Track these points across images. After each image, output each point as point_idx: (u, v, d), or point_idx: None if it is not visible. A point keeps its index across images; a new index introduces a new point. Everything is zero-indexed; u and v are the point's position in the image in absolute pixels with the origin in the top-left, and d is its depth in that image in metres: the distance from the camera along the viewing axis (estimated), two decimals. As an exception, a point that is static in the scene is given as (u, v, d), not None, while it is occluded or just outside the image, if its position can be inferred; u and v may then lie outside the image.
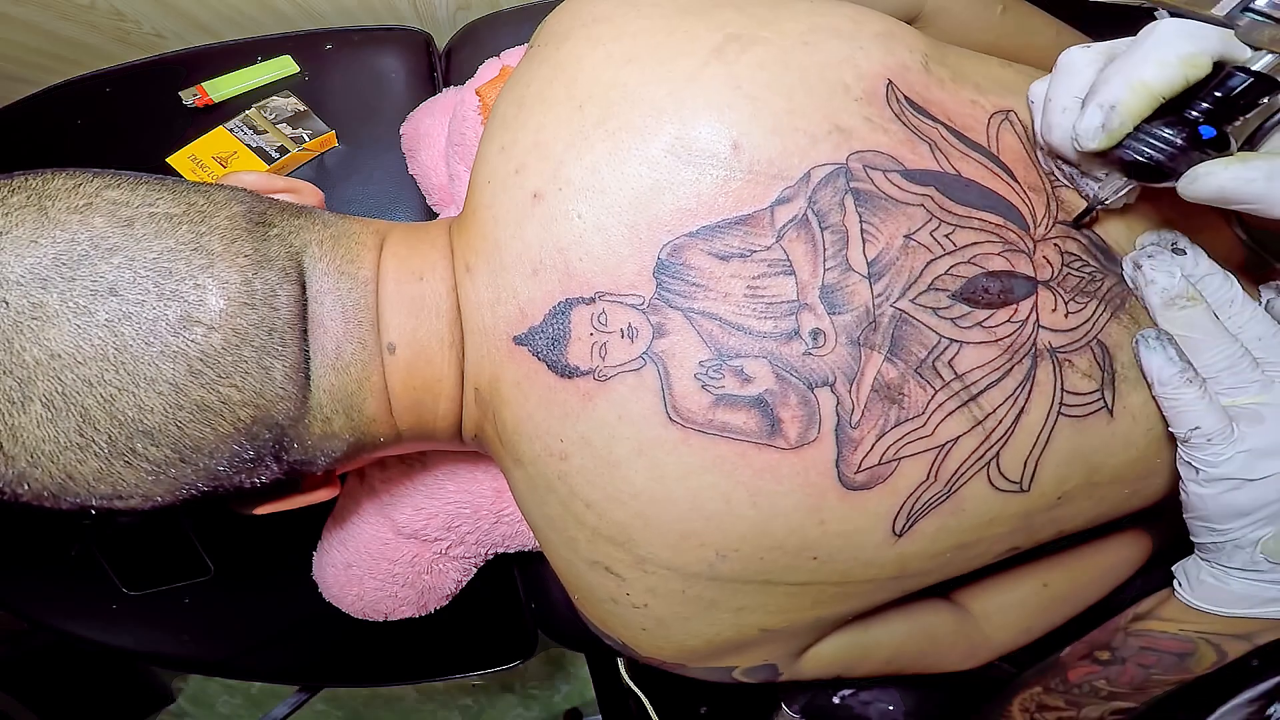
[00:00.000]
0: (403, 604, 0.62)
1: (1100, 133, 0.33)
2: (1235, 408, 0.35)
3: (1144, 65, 0.31)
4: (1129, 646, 0.43)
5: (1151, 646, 0.42)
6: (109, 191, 0.32)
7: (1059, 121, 0.36)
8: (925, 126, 0.37)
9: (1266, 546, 0.36)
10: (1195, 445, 0.36)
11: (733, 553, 0.36)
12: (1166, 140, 0.32)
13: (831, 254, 0.35)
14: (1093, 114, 0.33)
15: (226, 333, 0.32)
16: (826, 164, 0.36)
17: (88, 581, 0.68)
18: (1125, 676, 0.43)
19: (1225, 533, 0.37)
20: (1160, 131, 0.32)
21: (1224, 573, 0.39)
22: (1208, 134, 0.31)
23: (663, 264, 0.35)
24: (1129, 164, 0.33)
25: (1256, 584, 0.38)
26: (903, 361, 0.35)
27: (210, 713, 1.33)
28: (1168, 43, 0.31)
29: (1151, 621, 0.42)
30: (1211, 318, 0.36)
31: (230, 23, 0.81)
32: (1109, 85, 0.32)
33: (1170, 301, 0.36)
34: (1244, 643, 0.40)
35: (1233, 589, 0.38)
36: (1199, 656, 0.41)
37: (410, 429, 0.40)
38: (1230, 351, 0.35)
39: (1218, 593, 0.39)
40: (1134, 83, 0.31)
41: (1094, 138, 0.33)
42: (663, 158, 0.35)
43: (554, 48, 0.39)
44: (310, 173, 0.73)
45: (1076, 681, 0.45)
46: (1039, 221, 0.38)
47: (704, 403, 0.35)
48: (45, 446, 0.30)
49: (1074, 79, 0.35)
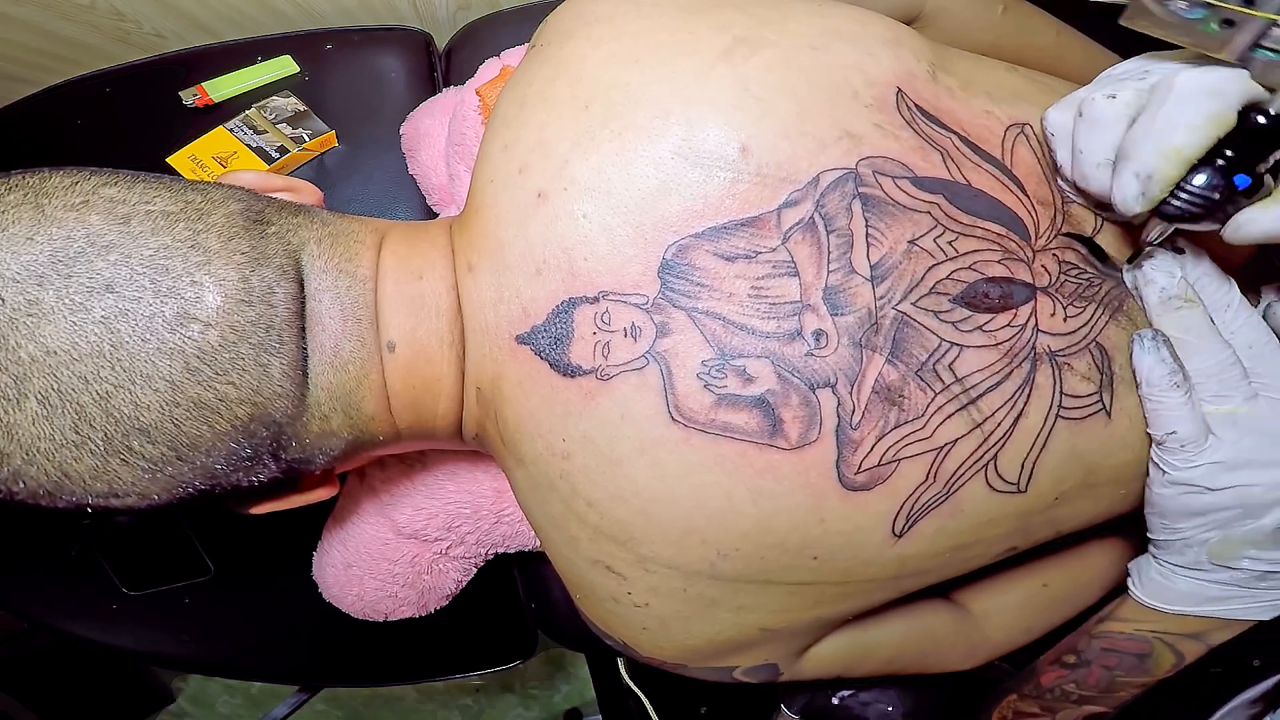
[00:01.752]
0: (403, 604, 0.61)
1: (1141, 200, 0.33)
2: (1215, 416, 0.36)
3: (1174, 132, 0.32)
4: (1092, 649, 0.44)
5: (1112, 647, 0.43)
6: (106, 189, 0.32)
7: (1094, 175, 0.36)
8: (938, 135, 0.37)
9: (1212, 549, 0.38)
10: (1168, 449, 0.37)
11: (734, 551, 0.36)
12: (1203, 195, 0.32)
13: (836, 256, 0.35)
14: (1130, 183, 0.33)
15: (224, 330, 0.32)
16: (835, 169, 0.36)
17: (88, 581, 0.68)
18: (1091, 678, 0.44)
19: (1177, 531, 0.38)
20: (1195, 186, 0.32)
21: (1171, 570, 0.40)
22: (1243, 184, 0.32)
23: (667, 264, 0.35)
24: (1169, 216, 0.34)
25: (1200, 583, 0.39)
26: (904, 364, 0.35)
27: (210, 713, 1.33)
28: (1193, 104, 0.31)
29: (1111, 622, 0.44)
30: (1208, 321, 0.36)
31: (230, 23, 0.81)
32: (1141, 152, 0.33)
33: (1167, 301, 0.36)
34: (1197, 643, 0.41)
35: (1178, 587, 0.40)
36: (1156, 657, 0.42)
37: (409, 428, 0.40)
38: (1221, 358, 0.36)
39: (1164, 590, 0.40)
40: (1167, 151, 0.32)
41: (1135, 204, 0.34)
42: (670, 159, 0.35)
43: (556, 47, 0.39)
44: (310, 173, 0.73)
45: (1049, 686, 0.46)
46: (1041, 233, 0.38)
47: (706, 402, 0.35)
48: (41, 444, 0.30)
49: (1103, 134, 0.35)
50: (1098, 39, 0.55)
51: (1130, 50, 0.57)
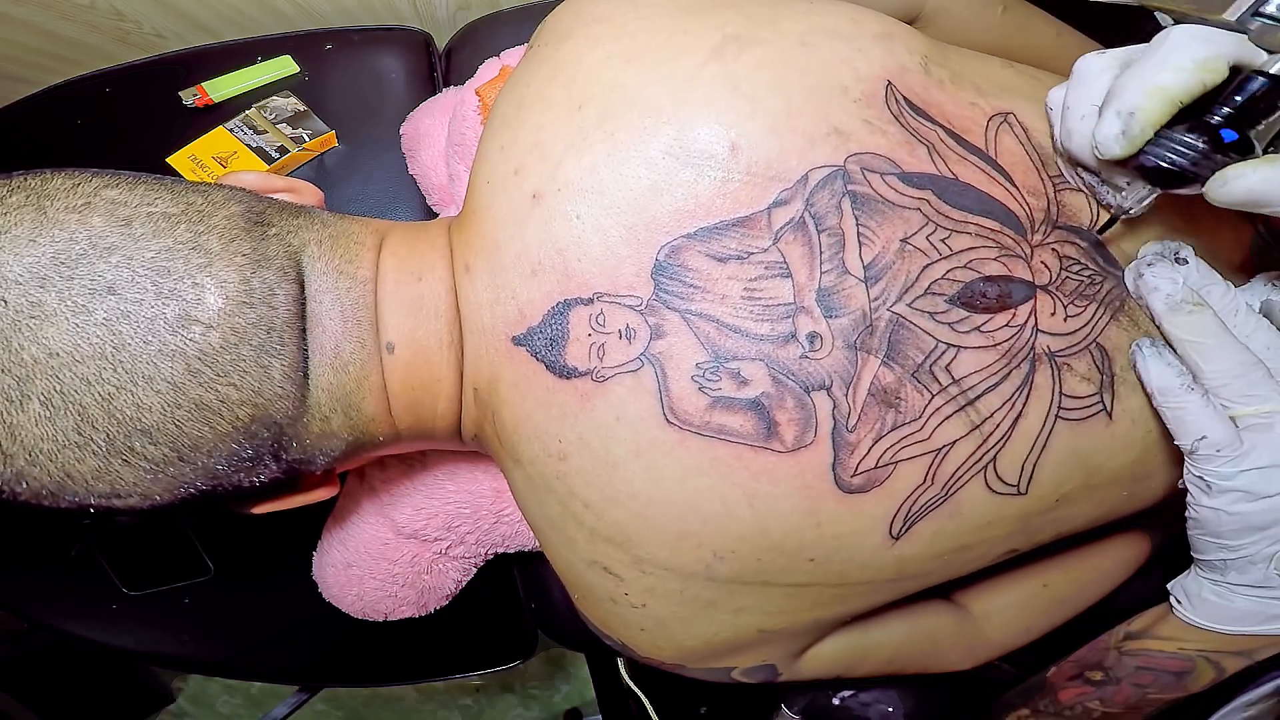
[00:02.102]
0: (403, 604, 0.61)
1: (1121, 139, 0.32)
2: (1249, 417, 0.34)
3: (1160, 71, 0.31)
4: (1124, 666, 0.42)
5: (1149, 665, 0.41)
6: (107, 191, 0.32)
7: (1078, 128, 0.35)
8: (924, 129, 0.37)
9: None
10: (1203, 457, 0.35)
11: (730, 554, 0.36)
12: (1189, 145, 0.31)
13: (828, 257, 0.35)
14: (1111, 121, 0.32)
15: (225, 331, 0.32)
16: (824, 166, 0.36)
17: (88, 581, 0.68)
18: (1120, 696, 0.43)
19: (1238, 549, 0.36)
20: (1182, 137, 0.32)
21: (1229, 590, 0.37)
22: (1230, 138, 0.31)
23: (660, 265, 0.35)
24: (1151, 170, 0.33)
25: (1264, 600, 0.37)
26: (900, 366, 0.35)
27: (210, 713, 1.33)
28: (1182, 47, 0.31)
29: (1148, 640, 0.41)
30: (1221, 323, 0.35)
31: (230, 23, 0.81)
32: (1126, 91, 0.32)
33: (1176, 306, 0.35)
34: (1243, 659, 0.39)
35: (1237, 606, 0.37)
36: (1197, 674, 0.40)
37: (409, 428, 0.40)
38: (1244, 358, 0.34)
39: (1221, 611, 0.38)
40: (1150, 88, 0.31)
41: (1114, 144, 0.33)
42: (661, 159, 0.35)
43: (554, 47, 0.39)
44: (310, 173, 0.73)
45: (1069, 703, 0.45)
46: (1037, 226, 0.38)
47: (701, 405, 0.35)
48: (43, 445, 0.30)
49: (1090, 86, 0.34)
50: (1098, 39, 0.55)
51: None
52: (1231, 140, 0.31)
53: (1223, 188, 0.31)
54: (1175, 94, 0.31)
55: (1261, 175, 0.30)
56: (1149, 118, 0.31)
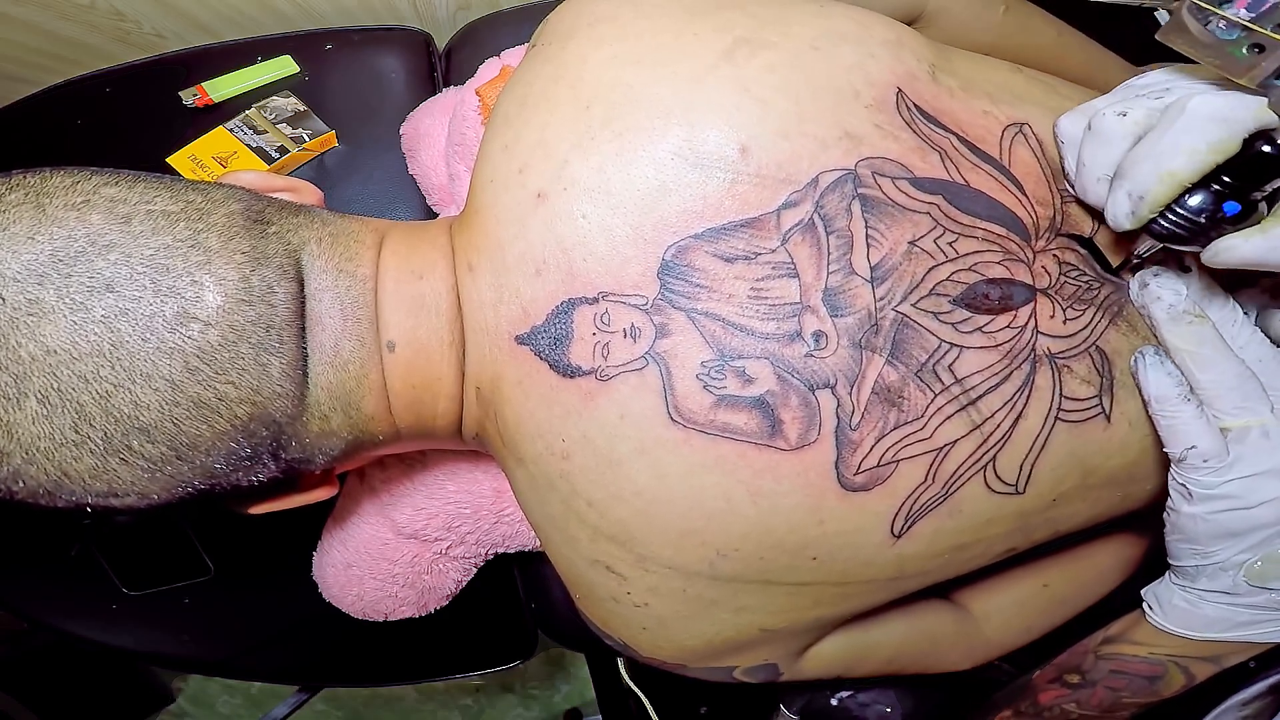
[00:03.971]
0: (403, 604, 0.61)
1: (1130, 218, 0.33)
2: (1238, 429, 0.35)
3: (1174, 156, 0.31)
4: (1099, 669, 0.43)
5: (1121, 669, 0.42)
6: (106, 189, 0.32)
7: (1094, 190, 0.36)
8: (937, 136, 0.37)
9: (1250, 571, 0.36)
10: (1189, 466, 0.35)
11: (733, 552, 0.36)
12: (1191, 218, 0.32)
13: (835, 258, 0.35)
14: (1122, 201, 0.33)
15: (224, 329, 0.32)
16: (835, 169, 0.36)
17: (88, 581, 0.68)
18: (1095, 699, 0.44)
19: (1210, 555, 0.37)
20: (1186, 209, 0.32)
21: (1198, 597, 0.38)
22: (1231, 211, 0.32)
23: (667, 265, 0.35)
24: (1156, 233, 0.34)
25: (1231, 608, 0.38)
26: (903, 365, 0.35)
27: (210, 713, 1.33)
28: (1198, 131, 0.31)
29: (1122, 645, 0.42)
30: (1219, 335, 0.35)
31: (230, 23, 0.81)
32: (1139, 171, 0.32)
33: (1178, 316, 0.35)
34: (1212, 665, 0.40)
35: (1206, 613, 0.38)
36: (1168, 679, 0.41)
37: (409, 427, 0.40)
38: (1239, 370, 0.35)
39: (1190, 617, 0.39)
40: (1163, 174, 0.32)
41: (1124, 220, 0.34)
42: (669, 160, 0.35)
43: (558, 47, 0.39)
44: (310, 173, 0.73)
45: (1047, 704, 0.46)
46: (1041, 234, 0.38)
47: (705, 403, 0.35)
48: (40, 443, 0.30)
49: (1108, 150, 0.35)
50: (1098, 39, 0.55)
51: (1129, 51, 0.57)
52: (1234, 213, 0.32)
53: (1216, 257, 0.32)
54: (1185, 179, 0.32)
55: (1253, 245, 0.31)
56: (1158, 200, 0.32)
